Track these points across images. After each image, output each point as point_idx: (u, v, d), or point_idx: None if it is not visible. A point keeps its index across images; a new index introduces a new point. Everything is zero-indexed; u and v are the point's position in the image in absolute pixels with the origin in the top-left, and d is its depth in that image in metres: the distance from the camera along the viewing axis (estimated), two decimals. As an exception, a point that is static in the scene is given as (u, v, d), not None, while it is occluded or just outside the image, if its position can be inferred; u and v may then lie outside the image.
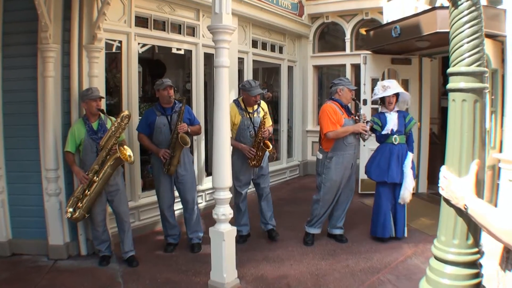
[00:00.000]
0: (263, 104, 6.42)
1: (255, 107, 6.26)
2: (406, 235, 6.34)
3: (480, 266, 2.12)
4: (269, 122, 6.39)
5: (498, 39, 6.70)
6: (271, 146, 6.19)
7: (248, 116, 6.21)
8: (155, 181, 6.18)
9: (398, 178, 6.11)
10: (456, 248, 2.06)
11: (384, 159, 6.21)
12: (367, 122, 6.11)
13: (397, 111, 6.27)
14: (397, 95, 6.27)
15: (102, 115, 5.49)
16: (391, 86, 6.23)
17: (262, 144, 6.12)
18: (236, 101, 6.34)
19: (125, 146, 5.47)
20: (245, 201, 6.45)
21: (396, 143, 6.18)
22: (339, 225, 6.38)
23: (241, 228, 6.36)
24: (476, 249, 2.07)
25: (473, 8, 1.99)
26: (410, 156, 6.18)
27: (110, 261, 5.61)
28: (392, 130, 6.19)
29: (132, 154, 5.50)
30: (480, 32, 2.03)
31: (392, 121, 6.22)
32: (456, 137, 2.03)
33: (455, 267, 2.06)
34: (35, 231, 5.75)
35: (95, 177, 5.28)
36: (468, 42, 2.01)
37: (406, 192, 6.11)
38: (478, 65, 2.01)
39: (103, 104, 5.67)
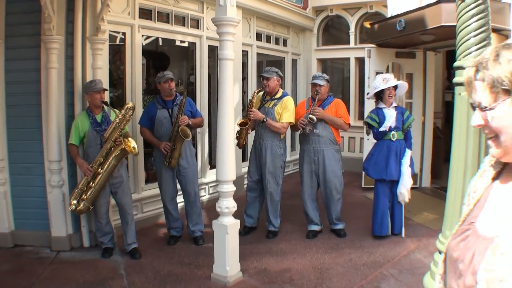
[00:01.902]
0: (287, 99, 6.26)
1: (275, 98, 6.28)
2: (404, 235, 6.21)
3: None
4: (285, 118, 6.14)
5: (502, 33, 6.66)
6: (248, 124, 6.20)
7: (263, 105, 6.26)
8: (157, 174, 6.19)
9: (397, 175, 6.04)
10: (461, 243, 2.04)
11: (382, 156, 6.13)
12: (310, 117, 6.01)
13: (395, 107, 6.19)
14: (395, 89, 6.20)
15: (105, 107, 5.48)
16: (391, 78, 6.19)
17: (238, 123, 6.20)
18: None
19: (129, 138, 5.46)
20: (251, 192, 6.43)
21: (394, 139, 6.09)
22: (335, 221, 6.37)
23: (244, 217, 6.41)
24: (480, 244, 2.05)
25: (479, 1, 1.97)
26: (408, 154, 6.08)
27: (113, 253, 5.62)
28: (390, 127, 6.11)
29: (136, 146, 5.49)
30: (487, 26, 2.01)
31: (391, 117, 6.10)
32: (462, 131, 2.01)
33: (460, 262, 2.04)
34: (37, 223, 5.76)
35: (99, 169, 5.27)
36: (475, 36, 1.98)
37: (403, 190, 6.00)
38: (485, 59, 1.99)
39: (106, 96, 5.66)
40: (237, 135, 6.31)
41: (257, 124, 6.27)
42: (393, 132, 6.08)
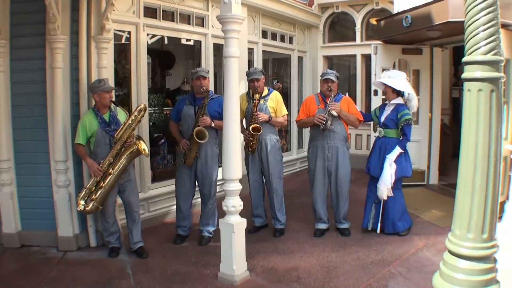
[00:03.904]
0: (276, 93, 6.32)
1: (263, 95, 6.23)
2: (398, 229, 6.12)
3: (495, 260, 2.07)
4: (283, 111, 6.27)
5: (510, 29, 6.60)
6: (261, 130, 6.02)
7: (252, 103, 6.16)
8: (176, 169, 6.22)
9: (376, 172, 6.04)
10: (471, 242, 2.02)
11: (371, 151, 6.31)
12: (329, 113, 5.92)
13: (397, 104, 6.09)
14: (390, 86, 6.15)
15: (112, 106, 5.46)
16: (386, 75, 6.24)
17: (251, 129, 6.03)
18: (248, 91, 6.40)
19: (141, 140, 5.43)
20: (254, 192, 6.41)
21: (380, 136, 6.16)
22: (342, 220, 6.33)
23: (253, 219, 6.41)
24: (491, 243, 2.02)
25: (488, -5, 1.94)
26: (395, 151, 5.94)
27: (120, 252, 5.61)
28: (382, 122, 6.16)
29: (146, 148, 5.47)
30: (496, 20, 1.98)
31: (385, 112, 6.16)
32: (472, 128, 1.98)
33: (470, 262, 2.02)
34: (44, 223, 5.76)
35: (110, 169, 5.26)
36: (484, 30, 1.95)
37: (382, 186, 5.91)
38: (494, 54, 1.95)
39: (112, 95, 5.65)
40: (250, 139, 6.15)
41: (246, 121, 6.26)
42: (380, 129, 6.16)
